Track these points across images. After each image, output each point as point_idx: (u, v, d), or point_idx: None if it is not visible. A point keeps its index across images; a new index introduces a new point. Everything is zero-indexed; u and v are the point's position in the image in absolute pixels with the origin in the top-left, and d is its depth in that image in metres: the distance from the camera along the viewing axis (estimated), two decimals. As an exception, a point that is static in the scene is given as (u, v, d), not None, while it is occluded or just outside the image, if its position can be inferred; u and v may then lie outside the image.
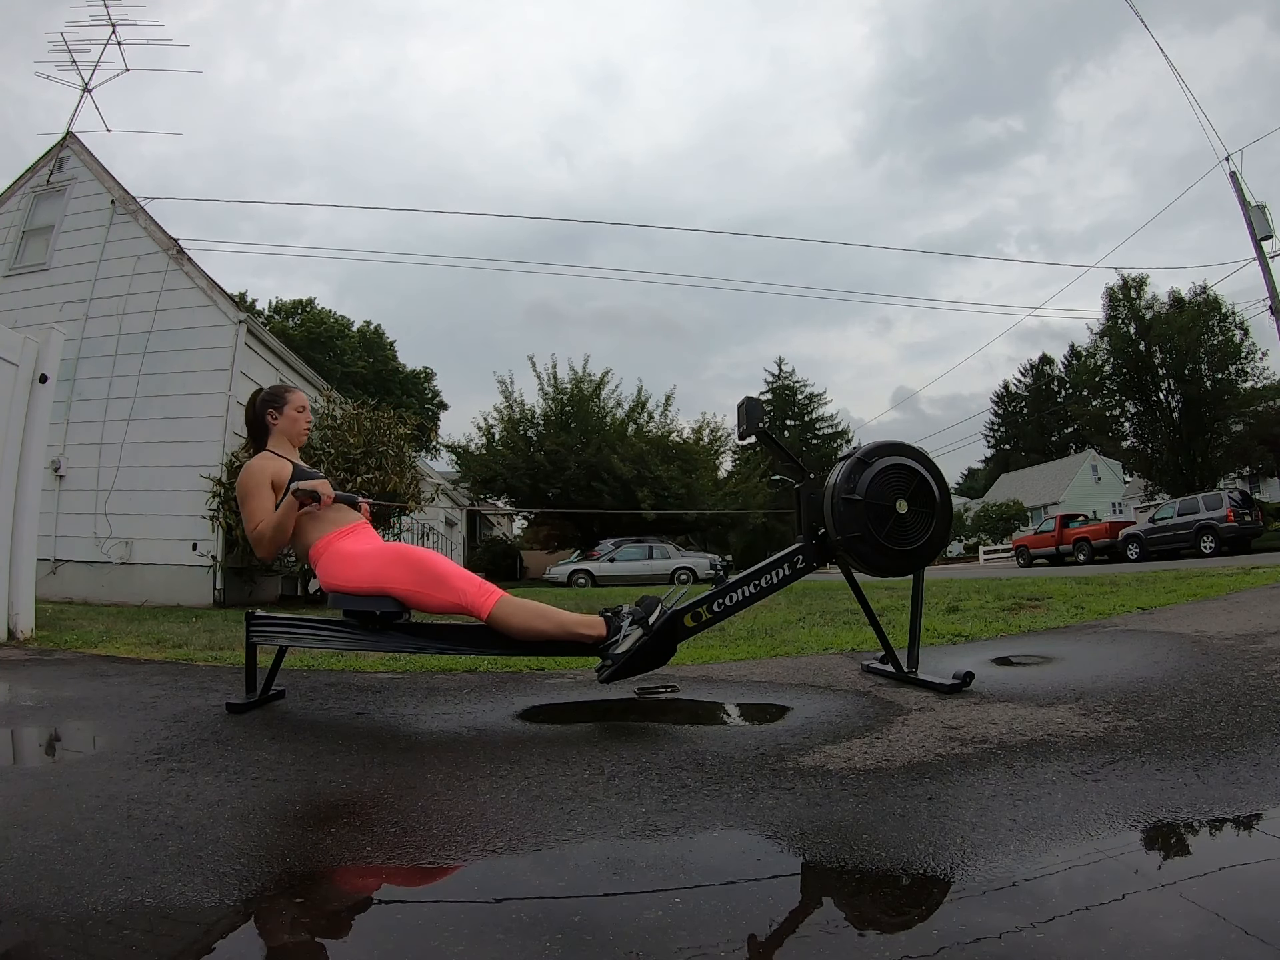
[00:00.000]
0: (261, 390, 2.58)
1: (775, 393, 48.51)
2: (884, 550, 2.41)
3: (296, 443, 2.53)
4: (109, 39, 9.65)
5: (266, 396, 2.53)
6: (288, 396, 2.52)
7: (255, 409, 2.52)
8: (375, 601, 2.20)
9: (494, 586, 2.24)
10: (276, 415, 2.48)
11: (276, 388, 2.59)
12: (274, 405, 2.49)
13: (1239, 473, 23.63)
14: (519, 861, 1.26)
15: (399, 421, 8.64)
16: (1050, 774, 1.52)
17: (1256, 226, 12.57)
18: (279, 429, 2.48)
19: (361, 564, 2.22)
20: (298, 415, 2.50)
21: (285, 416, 2.48)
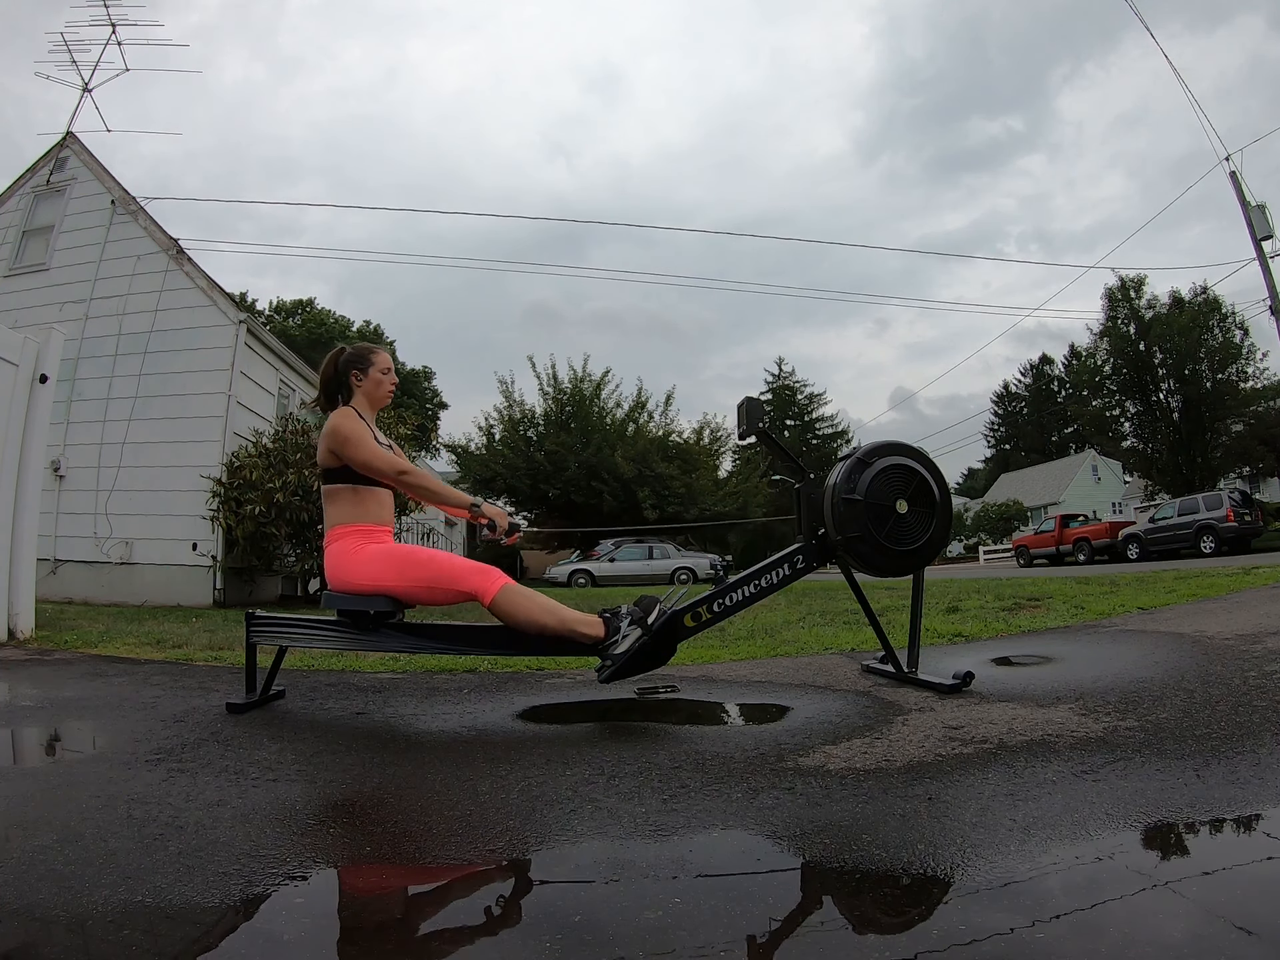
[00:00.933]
0: (345, 349, 2.50)
1: (775, 393, 48.49)
2: (884, 550, 2.41)
3: (378, 405, 2.47)
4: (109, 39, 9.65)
5: (351, 356, 2.44)
6: (373, 358, 2.44)
7: (338, 368, 2.44)
8: (369, 601, 2.20)
9: (500, 573, 2.22)
10: (361, 376, 2.40)
11: (362, 347, 2.50)
12: (359, 366, 2.41)
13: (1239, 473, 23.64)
14: (519, 862, 1.26)
15: (399, 421, 8.64)
16: (1050, 774, 1.52)
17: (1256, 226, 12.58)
18: (363, 390, 2.40)
19: (372, 565, 2.20)
20: (382, 377, 2.43)
21: (370, 378, 2.41)
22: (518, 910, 1.10)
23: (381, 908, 1.17)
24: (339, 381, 2.44)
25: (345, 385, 2.43)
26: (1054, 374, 50.84)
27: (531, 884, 1.20)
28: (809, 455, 41.12)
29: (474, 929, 1.05)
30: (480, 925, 1.06)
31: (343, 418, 2.29)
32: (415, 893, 1.22)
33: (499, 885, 1.19)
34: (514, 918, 1.07)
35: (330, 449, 2.27)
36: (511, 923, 1.05)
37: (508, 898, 1.15)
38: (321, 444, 2.30)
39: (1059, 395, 48.28)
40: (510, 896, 1.16)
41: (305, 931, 1.04)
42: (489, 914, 1.10)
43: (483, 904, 1.15)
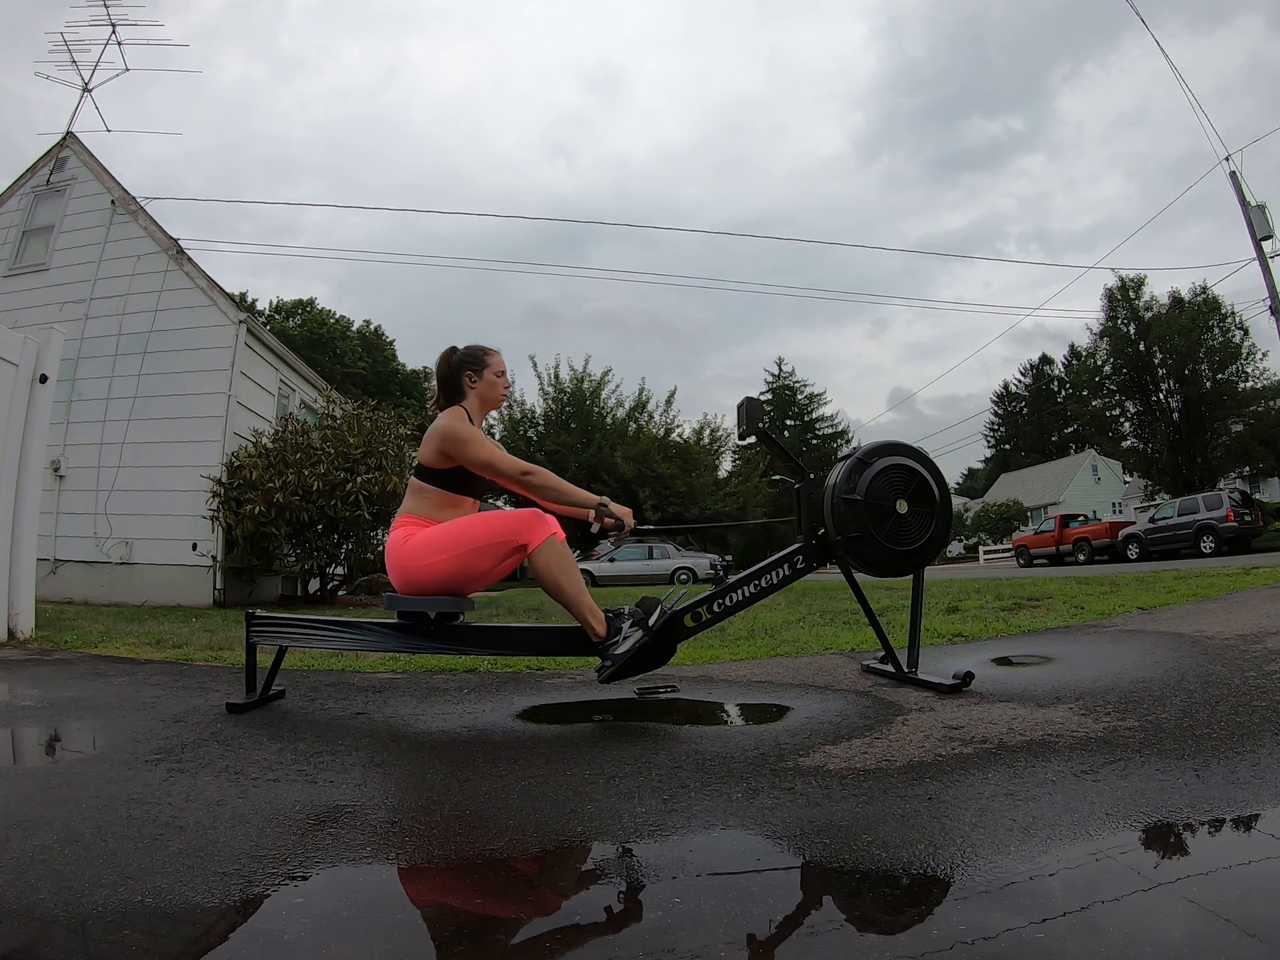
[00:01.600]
0: (458, 349, 2.43)
1: (775, 393, 48.50)
2: (884, 550, 2.41)
3: (491, 408, 2.44)
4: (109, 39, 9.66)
5: (464, 357, 2.39)
6: (487, 359, 2.39)
7: (450, 367, 2.39)
8: (430, 602, 2.19)
9: (553, 521, 2.19)
10: (475, 379, 2.37)
11: (475, 348, 2.43)
12: (472, 367, 2.37)
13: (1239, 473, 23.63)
14: (519, 862, 1.26)
15: (399, 421, 8.65)
16: (1050, 774, 1.52)
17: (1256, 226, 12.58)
18: (477, 392, 2.37)
19: (427, 545, 2.17)
20: (497, 380, 2.39)
21: (485, 380, 2.37)
22: (517, 910, 1.10)
23: (381, 908, 1.17)
24: (454, 381, 2.39)
25: (458, 386, 2.38)
26: (1054, 374, 50.85)
27: (531, 884, 1.20)
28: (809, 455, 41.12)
29: (474, 929, 1.05)
30: (480, 925, 1.06)
31: (456, 419, 2.25)
32: (414, 893, 1.22)
33: (498, 886, 1.19)
34: (514, 918, 1.07)
35: (442, 450, 2.23)
36: (511, 923, 1.05)
37: (507, 898, 1.15)
38: (430, 443, 2.25)
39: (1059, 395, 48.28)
40: (510, 897, 1.16)
41: (305, 931, 1.04)
42: (489, 914, 1.10)
43: (482, 904, 1.15)
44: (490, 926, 1.05)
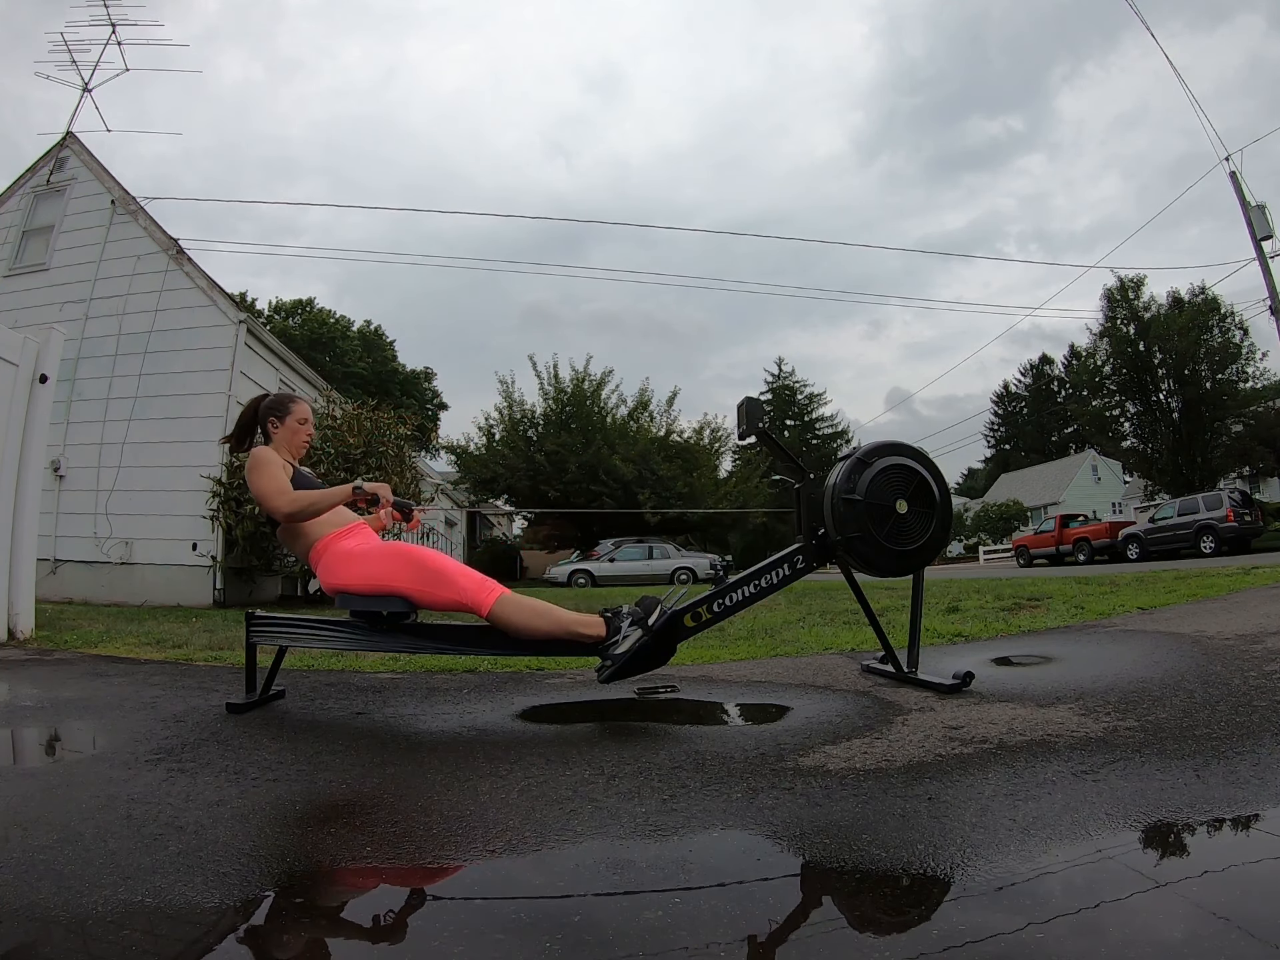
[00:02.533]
0: (267, 395, 2.56)
1: (775, 393, 48.52)
2: (884, 550, 2.41)
3: (294, 454, 2.49)
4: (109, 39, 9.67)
5: (271, 404, 2.49)
6: (291, 406, 2.49)
7: (257, 413, 2.50)
8: (382, 601, 2.19)
9: (495, 583, 2.23)
10: (278, 424, 2.45)
11: (282, 396, 2.55)
12: (276, 414, 2.46)
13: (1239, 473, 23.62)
14: (519, 862, 1.26)
15: (399, 421, 8.64)
16: (1050, 774, 1.52)
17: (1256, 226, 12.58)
18: (279, 438, 2.45)
19: (362, 563, 2.21)
20: (299, 427, 2.47)
21: (286, 426, 2.45)
22: (518, 910, 1.10)
23: (381, 908, 1.17)
24: (258, 427, 2.51)
25: (264, 430, 2.49)
26: (1054, 374, 50.83)
27: (531, 884, 1.20)
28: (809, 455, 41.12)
29: (474, 929, 1.05)
30: (480, 925, 1.06)
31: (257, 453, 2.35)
32: (415, 893, 1.22)
33: (499, 885, 1.19)
34: (514, 918, 1.07)
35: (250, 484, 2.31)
36: (511, 923, 1.05)
37: (507, 898, 1.15)
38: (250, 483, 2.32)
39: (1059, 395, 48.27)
40: (510, 897, 1.16)
41: (305, 932, 1.05)
42: (489, 914, 1.09)
43: (482, 904, 1.15)
44: (490, 927, 1.05)
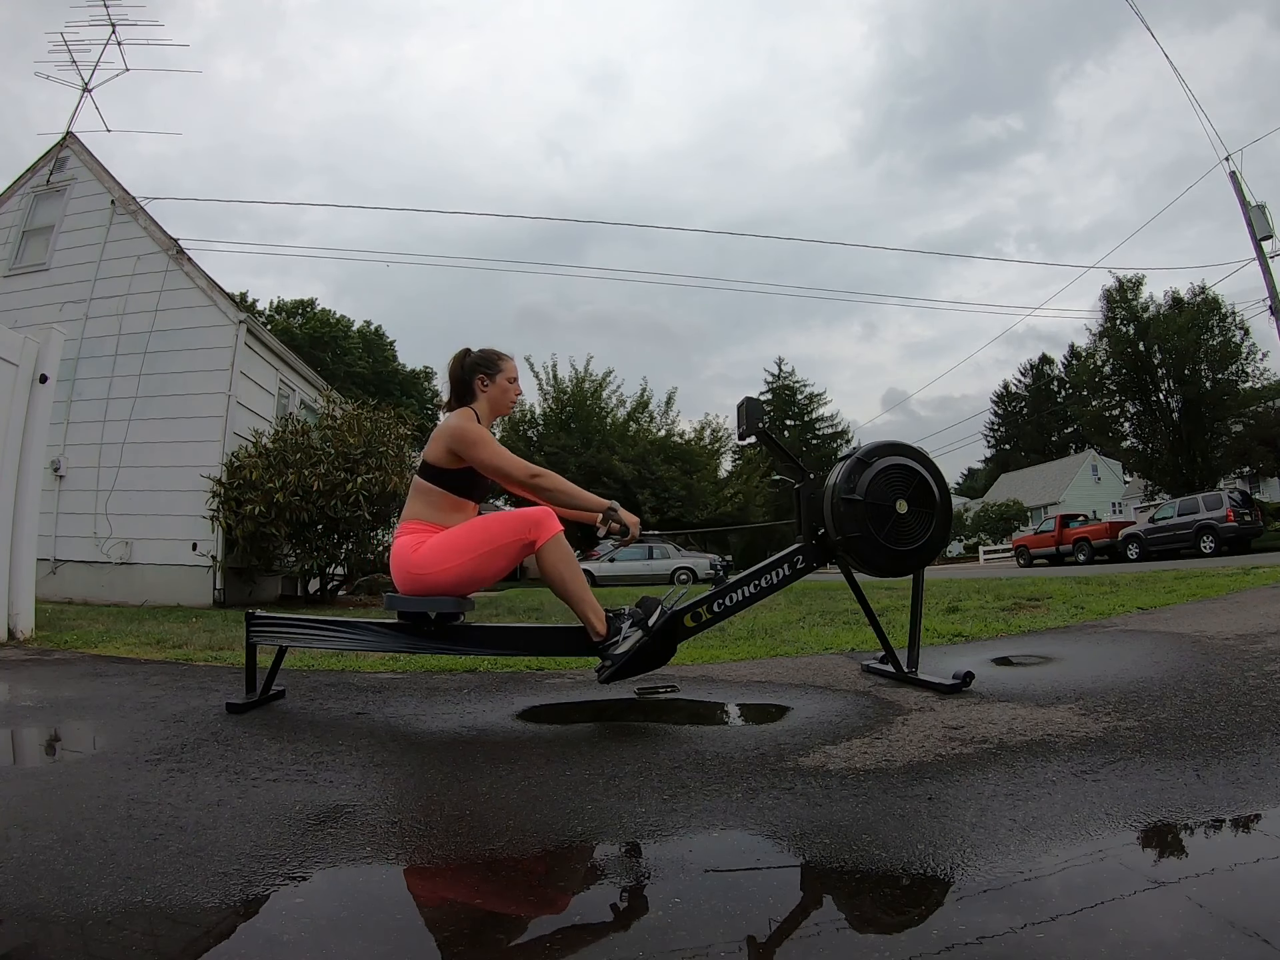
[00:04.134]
0: (472, 352, 2.44)
1: (775, 393, 48.52)
2: (884, 550, 2.41)
3: (500, 413, 2.43)
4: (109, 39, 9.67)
5: (478, 359, 2.39)
6: (501, 364, 2.39)
7: (464, 369, 2.40)
8: (433, 603, 2.19)
9: (555, 519, 2.18)
10: (487, 382, 2.37)
11: (490, 352, 2.43)
12: (486, 371, 2.37)
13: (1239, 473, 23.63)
14: (519, 862, 1.26)
15: (399, 421, 8.65)
16: (1050, 774, 1.52)
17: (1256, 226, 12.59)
18: (488, 396, 2.37)
19: (436, 551, 2.17)
20: (508, 386, 2.39)
21: (496, 385, 2.37)
22: (517, 911, 1.10)
23: (381, 908, 1.17)
24: (465, 384, 2.39)
25: (469, 388, 2.38)
26: (1054, 374, 50.85)
27: (531, 884, 1.20)
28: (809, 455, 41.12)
29: (473, 929, 1.05)
30: (479, 926, 1.06)
31: (466, 419, 2.26)
32: (414, 893, 1.22)
33: (498, 886, 1.19)
34: (514, 918, 1.07)
35: (450, 449, 2.22)
36: (512, 923, 1.05)
37: (507, 898, 1.15)
38: (438, 443, 2.24)
39: (1059, 395, 48.28)
40: (509, 897, 1.16)
41: (305, 932, 1.04)
42: (488, 915, 1.09)
43: (482, 904, 1.15)
44: (490, 927, 1.05)
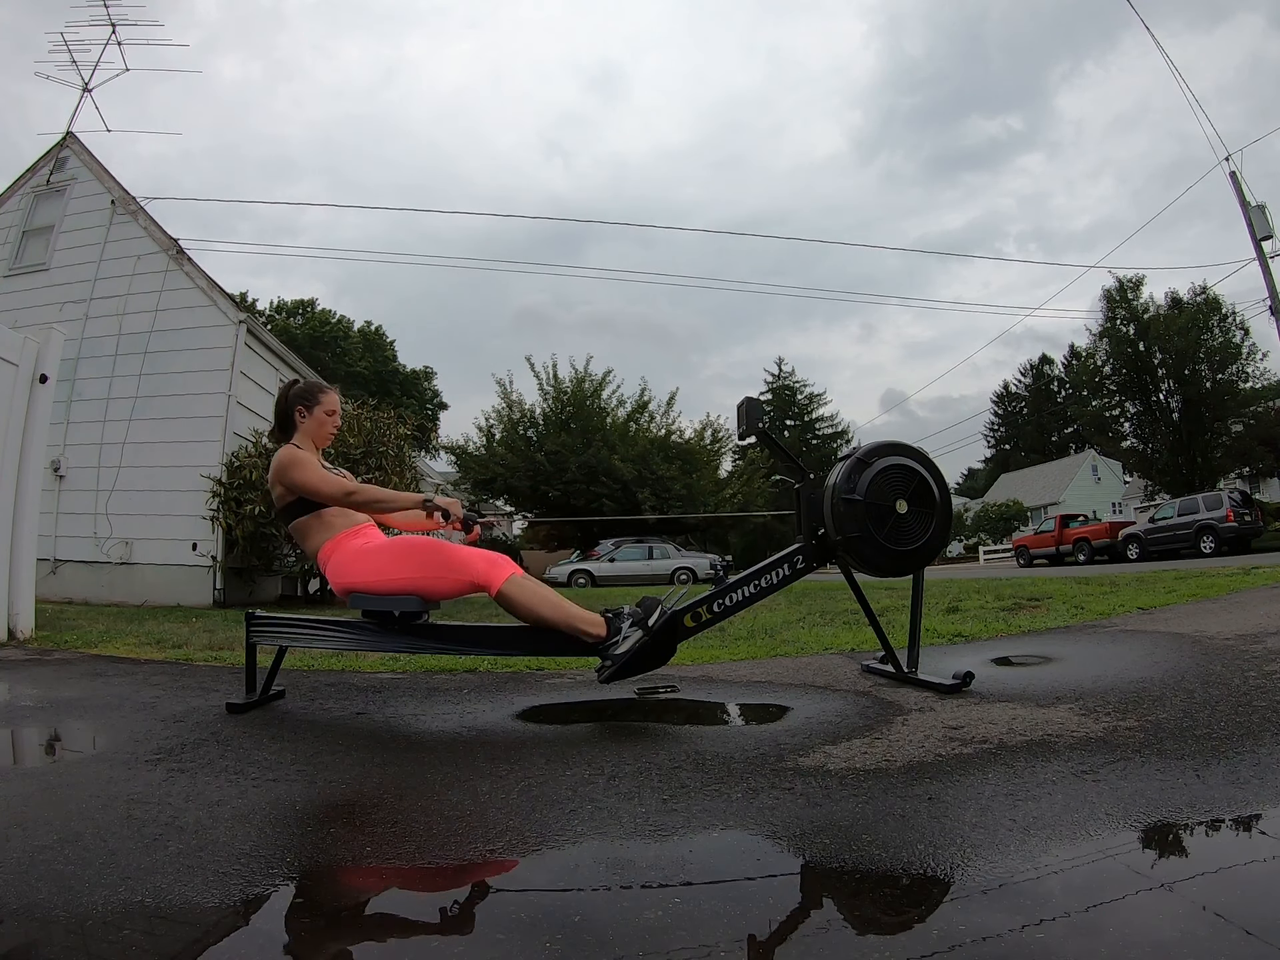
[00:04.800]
0: (296, 383, 2.50)
1: (775, 393, 48.50)
2: (884, 550, 2.41)
3: (320, 444, 2.47)
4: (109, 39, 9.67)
5: (299, 392, 2.45)
6: (320, 397, 2.44)
7: (286, 402, 2.45)
8: (395, 601, 2.19)
9: (508, 562, 2.21)
10: (305, 414, 2.41)
11: (311, 385, 2.50)
12: (304, 403, 2.42)
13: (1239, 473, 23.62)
14: (519, 862, 1.26)
15: (399, 421, 8.65)
16: (1050, 774, 1.52)
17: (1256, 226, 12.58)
18: (304, 428, 2.42)
19: (371, 560, 2.20)
20: (326, 418, 2.44)
21: (314, 417, 2.42)
22: (518, 910, 1.10)
23: (381, 908, 1.17)
24: (287, 415, 2.45)
25: (290, 420, 2.43)
26: (1054, 374, 50.85)
27: (531, 884, 1.20)
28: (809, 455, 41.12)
29: (474, 929, 1.05)
30: (480, 926, 1.06)
31: (282, 450, 2.32)
32: (415, 893, 1.22)
33: (499, 885, 1.19)
34: (514, 918, 1.07)
35: (280, 482, 2.28)
36: (511, 923, 1.05)
37: (508, 898, 1.15)
38: (273, 487, 2.31)
39: (1059, 395, 48.28)
40: (510, 897, 1.16)
41: (305, 932, 1.05)
42: (489, 914, 1.09)
43: (482, 904, 1.15)
44: (490, 927, 1.05)
